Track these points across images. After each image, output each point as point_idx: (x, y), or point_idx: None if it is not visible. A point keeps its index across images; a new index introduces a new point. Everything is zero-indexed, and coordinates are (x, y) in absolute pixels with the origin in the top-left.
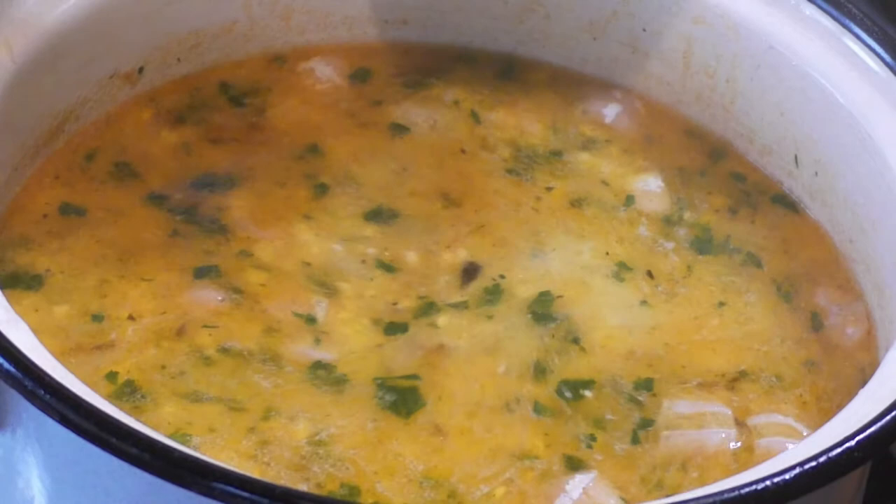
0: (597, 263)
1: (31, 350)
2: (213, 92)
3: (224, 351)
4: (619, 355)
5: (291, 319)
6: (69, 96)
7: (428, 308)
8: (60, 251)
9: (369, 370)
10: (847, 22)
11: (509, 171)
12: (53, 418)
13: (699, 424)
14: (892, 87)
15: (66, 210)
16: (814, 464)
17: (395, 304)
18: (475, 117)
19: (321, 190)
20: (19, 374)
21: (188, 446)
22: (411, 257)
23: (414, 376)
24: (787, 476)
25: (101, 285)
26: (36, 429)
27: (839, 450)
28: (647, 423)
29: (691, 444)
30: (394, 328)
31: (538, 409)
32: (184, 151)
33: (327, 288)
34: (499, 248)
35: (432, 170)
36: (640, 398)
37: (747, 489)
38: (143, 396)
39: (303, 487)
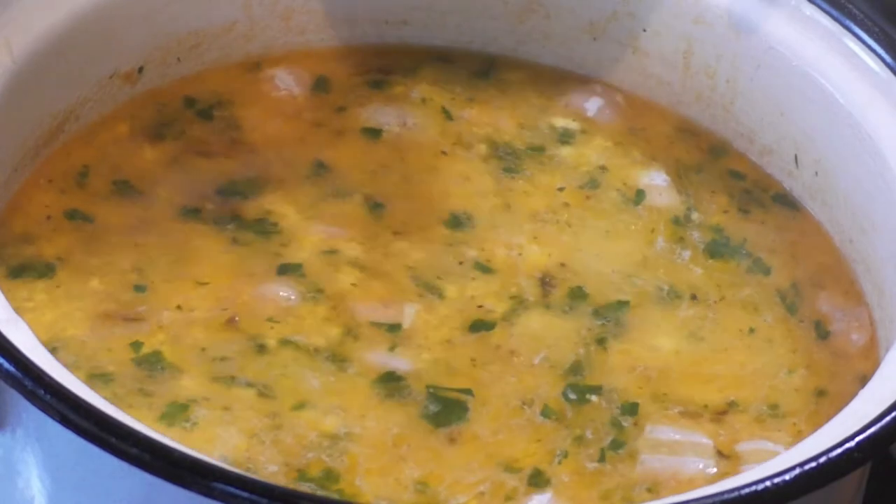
0: (645, 279)
1: (31, 350)
2: (178, 106)
3: (286, 343)
4: (622, 370)
5: (376, 324)
6: (69, 96)
7: (518, 306)
8: (77, 243)
9: (432, 376)
10: (847, 22)
11: (507, 171)
12: (53, 418)
13: (677, 452)
14: (893, 88)
15: (74, 216)
16: (813, 464)
17: (487, 304)
18: (447, 114)
19: (378, 207)
20: (19, 374)
21: (183, 417)
22: (499, 258)
23: (467, 391)
24: (786, 476)
25: (140, 272)
26: (36, 429)
27: (839, 450)
28: (618, 445)
29: (666, 469)
30: (478, 326)
31: (546, 411)
32: (177, 166)
33: (429, 289)
34: (563, 258)
35: (431, 174)
36: (621, 420)
37: (747, 489)
38: (163, 368)
39: (273, 468)
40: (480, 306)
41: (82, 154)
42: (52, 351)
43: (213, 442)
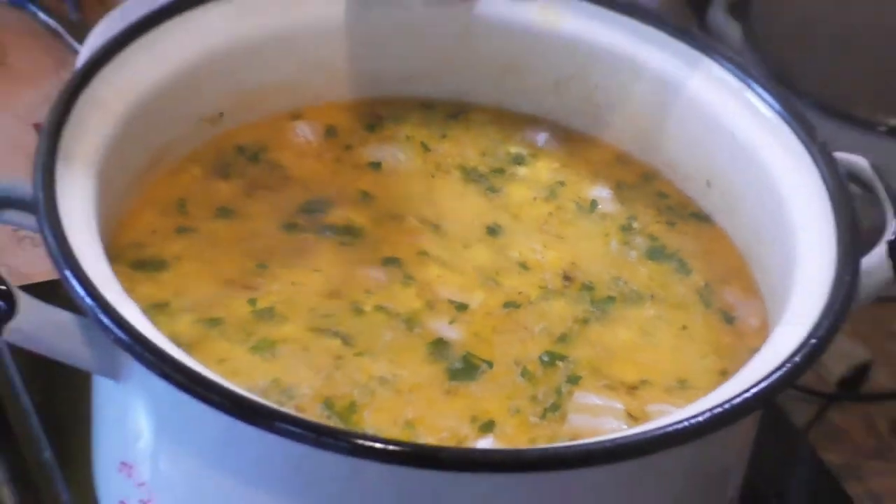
0: (626, 280)
1: (139, 323)
2: (233, 153)
3: (379, 308)
4: (586, 346)
5: (451, 301)
6: (167, 135)
7: (545, 293)
8: (192, 248)
9: (469, 344)
10: (748, 81)
11: (490, 190)
12: (156, 374)
13: (597, 414)
14: (781, 131)
15: (182, 230)
16: (720, 409)
17: (525, 291)
18: (425, 147)
19: (436, 228)
20: (131, 341)
21: (268, 350)
22: (532, 259)
23: (489, 363)
24: (700, 418)
25: (258, 259)
26: (143, 382)
27: (740, 398)
28: (556, 407)
29: (587, 426)
30: (510, 304)
31: (524, 372)
32: (253, 197)
33: (492, 282)
34: (572, 259)
35: (434, 195)
36: (563, 387)
37: (671, 427)
38: (271, 317)
39: (306, 390)
40: (520, 293)
41: (175, 187)
42: (167, 304)
43: (282, 370)
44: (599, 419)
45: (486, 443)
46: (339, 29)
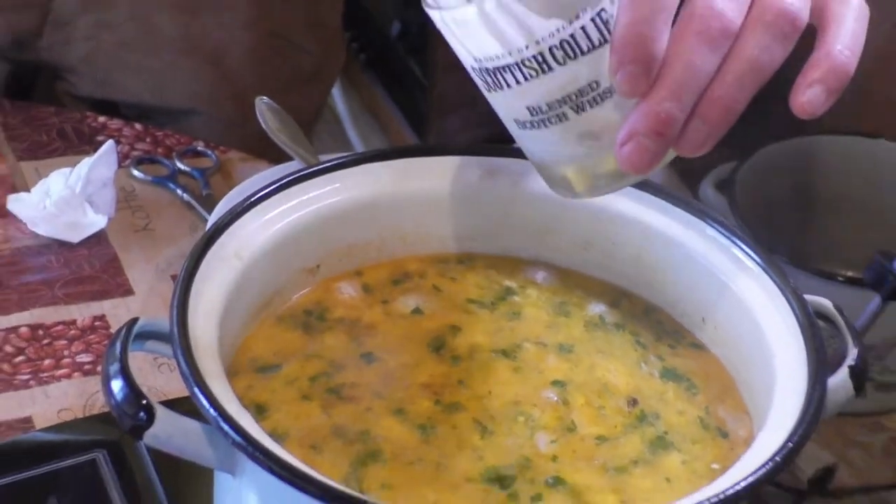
0: (659, 410)
1: (252, 429)
2: (302, 316)
3: (528, 419)
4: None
5: (571, 423)
6: (276, 282)
7: (627, 428)
8: (358, 373)
9: (538, 465)
10: (734, 238)
11: (512, 315)
12: (266, 470)
13: None
14: (762, 278)
15: (317, 380)
16: (716, 499)
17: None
18: (437, 289)
19: (558, 349)
20: (246, 445)
21: (427, 431)
22: (610, 383)
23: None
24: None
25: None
26: (255, 476)
27: (732, 490)
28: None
29: None
30: (601, 439)
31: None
32: (364, 345)
33: (603, 410)
34: (629, 383)
35: (476, 324)
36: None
37: None
38: (456, 409)
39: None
40: (615, 426)
41: (287, 338)
42: (283, 435)
43: (422, 439)
44: None
45: None
46: (411, 198)
